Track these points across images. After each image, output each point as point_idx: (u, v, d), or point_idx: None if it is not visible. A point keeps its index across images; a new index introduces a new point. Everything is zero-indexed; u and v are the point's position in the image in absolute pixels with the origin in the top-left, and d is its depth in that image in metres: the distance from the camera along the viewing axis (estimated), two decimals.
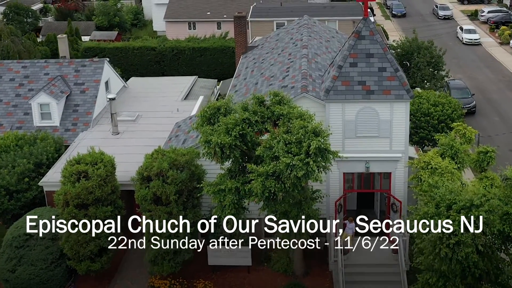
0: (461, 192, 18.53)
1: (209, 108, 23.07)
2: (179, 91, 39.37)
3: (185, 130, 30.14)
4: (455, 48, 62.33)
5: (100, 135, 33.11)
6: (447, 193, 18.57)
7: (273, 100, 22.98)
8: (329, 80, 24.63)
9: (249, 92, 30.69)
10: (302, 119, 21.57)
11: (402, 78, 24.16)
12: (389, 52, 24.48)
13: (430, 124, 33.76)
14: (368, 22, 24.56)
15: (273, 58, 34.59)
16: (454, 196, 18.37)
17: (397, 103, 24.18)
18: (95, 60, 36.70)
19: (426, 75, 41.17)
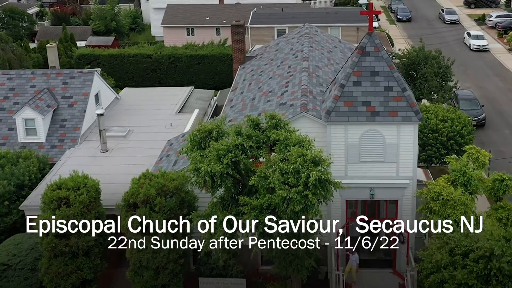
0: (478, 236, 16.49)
1: (199, 132, 21.13)
2: (173, 103, 37.44)
3: (177, 150, 28.20)
4: (463, 54, 60.27)
5: (88, 152, 31.20)
6: (463, 238, 16.59)
7: (269, 123, 21.04)
8: (331, 100, 22.66)
9: (245, 108, 28.78)
10: (301, 145, 19.62)
11: (410, 99, 22.18)
12: (396, 69, 22.49)
13: (439, 141, 31.79)
14: (373, 37, 22.59)
15: (272, 70, 32.65)
16: (471, 242, 16.38)
17: (405, 125, 22.20)
18: (84, 71, 34.80)
19: (434, 87, 39.15)
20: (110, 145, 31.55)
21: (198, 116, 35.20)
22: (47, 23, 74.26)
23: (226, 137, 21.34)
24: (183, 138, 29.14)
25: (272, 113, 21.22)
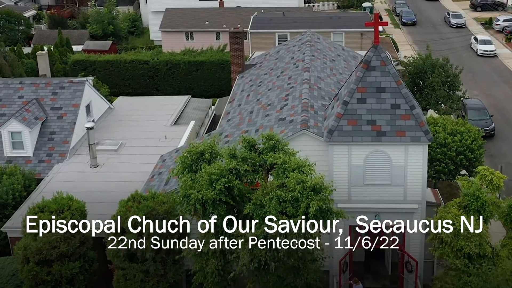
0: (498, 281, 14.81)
1: (190, 154, 19.52)
2: (169, 114, 35.81)
3: (170, 166, 26.55)
4: (469, 60, 58.49)
5: (77, 167, 29.59)
6: (481, 283, 14.92)
7: (266, 145, 19.40)
8: (333, 119, 20.98)
9: (243, 123, 27.13)
10: (300, 171, 17.96)
11: (419, 117, 20.49)
12: (404, 85, 20.80)
13: (447, 156, 30.04)
14: (379, 50, 20.90)
15: (272, 81, 30.99)
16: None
17: (413, 146, 20.52)
18: (75, 81, 33.18)
19: (441, 97, 37.41)
20: (100, 160, 29.94)
21: (194, 128, 33.59)
22: (44, 26, 72.65)
23: (219, 158, 19.74)
24: (176, 155, 27.58)
25: (270, 133, 19.57)
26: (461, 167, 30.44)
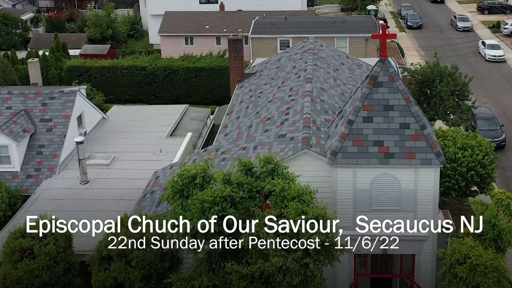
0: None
1: (180, 178, 17.94)
2: (165, 125, 34.23)
3: (163, 185, 24.95)
4: (477, 66, 56.80)
5: (66, 183, 28.05)
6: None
7: (264, 169, 17.81)
8: (337, 139, 19.38)
9: (241, 138, 25.55)
10: (301, 199, 16.37)
11: (430, 138, 18.87)
12: (413, 103, 19.19)
13: (458, 171, 28.39)
14: (387, 65, 19.28)
15: (272, 92, 29.41)
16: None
17: (424, 169, 18.91)
18: (65, 91, 31.62)
19: (450, 107, 35.75)
20: (91, 175, 28.40)
21: (191, 140, 32.02)
22: (42, 29, 71.19)
23: (213, 183, 18.17)
24: (171, 171, 26.03)
25: (268, 156, 17.98)
26: (472, 183, 28.82)
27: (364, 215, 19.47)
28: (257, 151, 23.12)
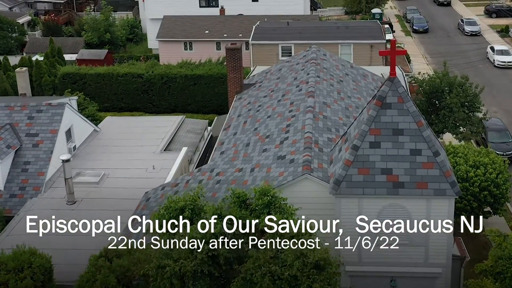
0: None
1: (167, 211, 16.18)
2: (159, 138, 32.48)
3: (154, 208, 23.22)
4: (486, 72, 54.92)
5: (52, 204, 26.30)
6: None
7: (259, 202, 16.04)
8: (341, 166, 17.58)
9: (237, 158, 23.80)
10: (300, 238, 14.60)
11: (444, 166, 17.08)
12: (425, 126, 17.39)
13: (470, 192, 26.59)
14: (396, 84, 17.47)
15: (272, 106, 27.64)
16: None
17: (437, 200, 17.10)
18: (53, 103, 29.88)
19: (460, 119, 33.90)
20: (79, 194, 26.66)
21: (186, 156, 30.26)
22: (39, 33, 69.53)
23: (203, 215, 16.42)
24: (162, 192, 24.32)
25: (265, 187, 16.23)
26: (485, 204, 27.03)
27: (370, 249, 17.79)
28: (254, 174, 21.40)
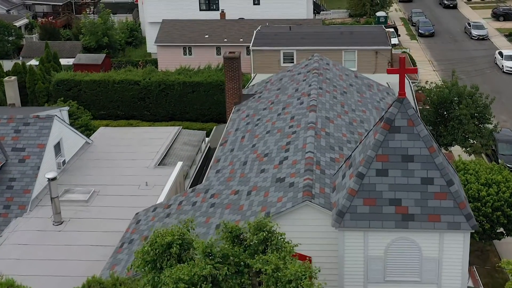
0: None
1: (153, 247, 14.61)
2: (153, 152, 30.92)
3: (144, 232, 21.69)
4: (495, 78, 53.25)
5: (37, 224, 24.76)
6: None
7: (254, 238, 14.46)
8: (344, 195, 15.99)
9: (233, 178, 22.24)
10: (299, 283, 13.03)
11: (458, 196, 15.47)
12: (438, 152, 15.79)
13: (482, 212, 25.06)
14: (406, 106, 15.88)
15: (271, 120, 26.08)
16: None
17: (451, 234, 15.51)
18: (41, 116, 28.35)
19: (470, 132, 32.28)
20: (67, 214, 25.13)
21: (181, 171, 28.69)
22: (36, 37, 68.08)
23: (192, 251, 14.86)
24: (153, 214, 22.79)
25: (260, 221, 14.64)
26: (498, 225, 25.46)
27: (377, 287, 16.21)
28: (251, 198, 19.85)
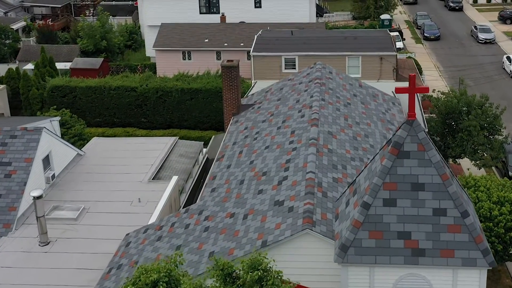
0: None
1: (135, 286, 13.22)
2: (148, 164, 29.53)
3: (133, 257, 20.29)
4: (502, 84, 51.72)
5: (22, 245, 23.37)
6: None
7: (248, 276, 13.05)
8: (348, 227, 14.55)
9: (229, 198, 20.82)
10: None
11: (474, 229, 14.03)
12: (452, 180, 14.34)
13: (494, 233, 23.58)
14: (416, 129, 14.42)
15: (270, 134, 24.68)
16: None
17: (466, 271, 14.06)
18: (29, 128, 26.97)
19: (480, 144, 30.80)
20: (54, 233, 23.75)
21: (176, 186, 27.28)
22: (33, 40, 66.70)
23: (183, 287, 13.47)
24: (144, 236, 21.39)
25: (255, 259, 13.24)
26: (511, 246, 23.99)
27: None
28: (247, 223, 18.44)
